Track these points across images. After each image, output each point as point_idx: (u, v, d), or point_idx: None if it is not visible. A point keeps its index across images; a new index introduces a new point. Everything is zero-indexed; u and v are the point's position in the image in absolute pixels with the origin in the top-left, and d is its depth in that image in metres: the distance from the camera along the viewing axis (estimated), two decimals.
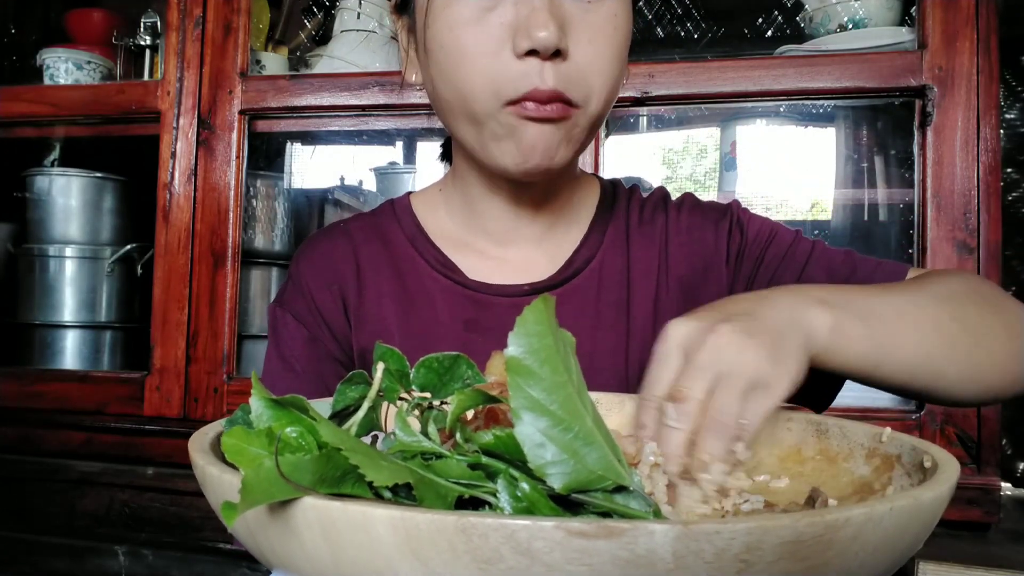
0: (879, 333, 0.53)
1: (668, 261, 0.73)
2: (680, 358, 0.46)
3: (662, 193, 0.78)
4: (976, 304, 0.59)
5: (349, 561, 0.28)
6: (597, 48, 0.60)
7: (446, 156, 0.83)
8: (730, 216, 0.75)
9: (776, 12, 1.44)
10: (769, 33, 1.47)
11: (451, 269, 0.73)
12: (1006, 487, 1.25)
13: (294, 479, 0.28)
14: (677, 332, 0.47)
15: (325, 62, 1.41)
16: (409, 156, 1.84)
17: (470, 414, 0.42)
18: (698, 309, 0.50)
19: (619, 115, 1.42)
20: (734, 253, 0.73)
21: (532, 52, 0.58)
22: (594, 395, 0.50)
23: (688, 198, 0.77)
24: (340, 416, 0.41)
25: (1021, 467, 1.44)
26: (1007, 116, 1.47)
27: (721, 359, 0.44)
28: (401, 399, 0.41)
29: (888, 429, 0.45)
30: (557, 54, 0.58)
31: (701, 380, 0.44)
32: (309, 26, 1.58)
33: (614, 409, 0.57)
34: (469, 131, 0.64)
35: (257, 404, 0.33)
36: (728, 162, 1.42)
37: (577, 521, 0.25)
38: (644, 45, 1.47)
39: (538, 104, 0.59)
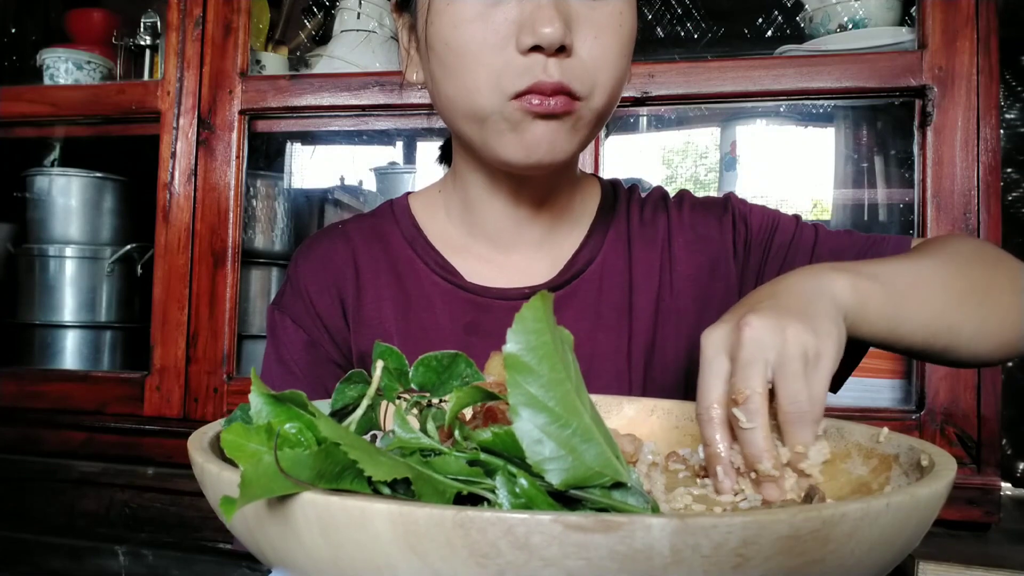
0: (892, 292, 0.53)
1: (672, 261, 0.73)
2: (724, 362, 0.46)
3: (660, 193, 0.78)
4: (979, 262, 0.61)
5: (348, 557, 0.28)
6: (603, 44, 0.60)
7: (444, 159, 0.82)
8: (731, 209, 0.75)
9: (776, 12, 1.44)
10: (769, 33, 1.47)
11: (450, 272, 0.73)
12: (1006, 487, 1.25)
13: (293, 474, 0.28)
14: (712, 338, 0.47)
15: (325, 62, 1.41)
16: (409, 156, 1.83)
17: (469, 414, 0.42)
18: (725, 313, 0.50)
19: (619, 115, 1.42)
20: (741, 246, 0.73)
21: (537, 48, 0.57)
22: (592, 397, 0.50)
23: (686, 195, 0.77)
24: (339, 415, 0.41)
25: (1021, 467, 1.43)
26: (1007, 116, 1.47)
27: (765, 347, 0.44)
28: (400, 397, 0.41)
29: (885, 429, 0.45)
30: (562, 50, 0.58)
31: (755, 375, 0.44)
32: (309, 26, 1.58)
33: (612, 411, 0.57)
34: (472, 128, 0.63)
35: (256, 400, 0.33)
36: (728, 162, 1.42)
37: (575, 515, 0.25)
38: (644, 45, 1.47)
39: (543, 97, 0.58)
